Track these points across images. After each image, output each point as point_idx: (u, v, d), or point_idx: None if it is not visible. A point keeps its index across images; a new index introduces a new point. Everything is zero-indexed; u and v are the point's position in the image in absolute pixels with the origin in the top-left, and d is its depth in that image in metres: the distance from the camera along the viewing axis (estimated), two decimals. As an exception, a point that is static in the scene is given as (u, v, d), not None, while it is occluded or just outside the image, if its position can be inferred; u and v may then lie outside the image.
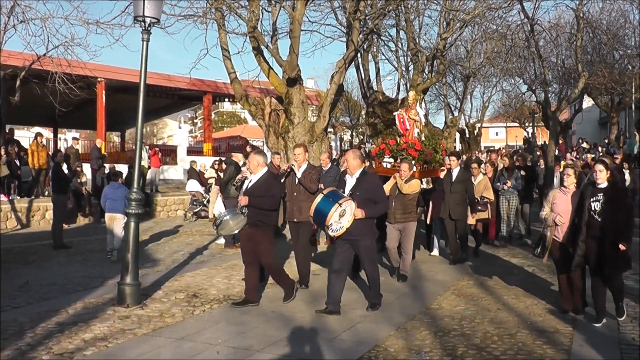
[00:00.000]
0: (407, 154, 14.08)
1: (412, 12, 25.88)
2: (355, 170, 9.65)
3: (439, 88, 41.17)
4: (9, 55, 21.03)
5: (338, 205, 8.98)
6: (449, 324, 8.99)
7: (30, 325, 8.94)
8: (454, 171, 14.25)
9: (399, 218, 12.05)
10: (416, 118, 14.94)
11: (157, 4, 10.28)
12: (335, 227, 9.12)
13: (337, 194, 9.28)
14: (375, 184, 9.75)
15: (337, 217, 9.04)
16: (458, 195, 14.01)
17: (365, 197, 9.38)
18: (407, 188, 12.13)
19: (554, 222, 9.43)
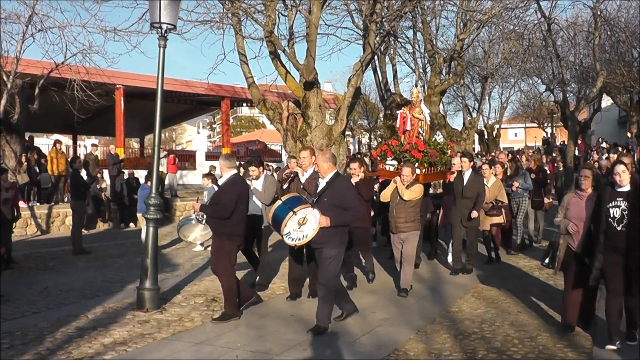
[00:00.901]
0: (410, 156, 13.17)
1: (429, 14, 25.82)
2: (326, 174, 8.98)
3: (457, 89, 41.02)
4: (27, 64, 21.14)
5: (292, 214, 8.45)
6: (469, 327, 8.96)
7: (50, 330, 9.00)
8: (466, 174, 13.18)
9: (402, 227, 11.14)
10: (420, 117, 13.89)
11: (173, 10, 10.33)
12: (296, 236, 8.57)
13: (296, 200, 8.77)
14: (345, 189, 8.92)
15: (295, 225, 8.51)
16: (470, 200, 12.97)
17: (334, 203, 8.68)
18: (409, 194, 11.12)
19: (567, 229, 8.59)
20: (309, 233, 8.55)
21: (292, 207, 8.52)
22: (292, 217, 8.47)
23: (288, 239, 8.63)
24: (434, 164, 13.68)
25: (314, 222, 8.52)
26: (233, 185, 9.53)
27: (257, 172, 11.54)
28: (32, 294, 11.44)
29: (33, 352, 8.02)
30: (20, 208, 16.69)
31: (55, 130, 44.16)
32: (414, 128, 13.85)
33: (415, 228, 11.25)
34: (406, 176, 11.25)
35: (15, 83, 19.67)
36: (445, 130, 31.45)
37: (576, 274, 8.55)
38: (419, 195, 11.29)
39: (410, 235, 11.14)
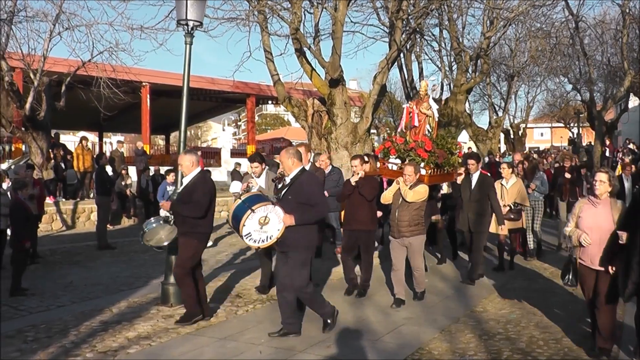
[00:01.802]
0: (416, 155, 12.17)
1: (455, 11, 25.68)
2: (290, 171, 8.45)
3: (483, 88, 40.81)
4: (54, 62, 21.28)
5: (251, 212, 7.99)
6: (493, 327, 8.88)
7: (75, 323, 9.07)
8: (474, 176, 12.32)
9: (404, 231, 10.21)
10: (428, 112, 12.73)
11: (199, 7, 10.35)
12: (258, 237, 8.10)
13: (256, 198, 8.33)
14: (311, 184, 8.36)
15: (255, 225, 8.03)
16: (477, 204, 12.06)
17: (299, 200, 8.16)
18: (412, 195, 10.17)
19: (579, 241, 7.62)
20: (273, 234, 8.10)
21: (251, 206, 8.07)
22: (250, 215, 8.01)
23: (249, 240, 8.14)
24: (440, 165, 12.55)
25: (277, 221, 8.07)
26: (204, 183, 9.16)
27: (259, 168, 11.01)
28: (57, 288, 11.51)
29: (57, 345, 8.07)
30: (46, 204, 16.81)
31: (82, 127, 44.44)
32: (421, 125, 12.74)
33: (420, 232, 10.36)
34: (408, 176, 10.31)
35: (42, 81, 19.81)
36: (471, 129, 31.36)
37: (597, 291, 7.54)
38: (424, 196, 10.35)
39: (414, 240, 10.27)
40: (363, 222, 10.72)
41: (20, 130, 20.58)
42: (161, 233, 9.31)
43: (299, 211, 8.07)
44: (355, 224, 10.80)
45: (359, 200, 10.72)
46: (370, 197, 10.78)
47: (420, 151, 12.13)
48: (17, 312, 9.93)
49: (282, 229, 8.05)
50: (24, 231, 11.58)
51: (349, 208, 10.99)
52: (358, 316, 9.32)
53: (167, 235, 9.31)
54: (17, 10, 18.48)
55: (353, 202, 10.83)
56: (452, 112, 26.38)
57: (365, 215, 10.75)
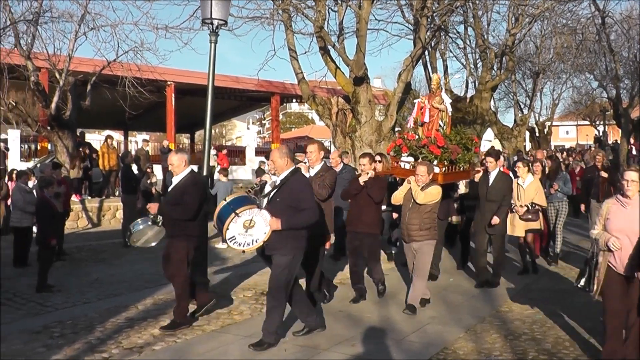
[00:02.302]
0: (428, 152, 11.39)
1: (481, 8, 25.59)
2: (282, 171, 8.00)
3: (508, 85, 40.55)
4: (79, 62, 21.43)
5: (235, 215, 7.62)
6: (519, 327, 8.82)
7: (100, 320, 9.15)
8: (492, 174, 11.66)
9: (414, 235, 9.61)
10: (441, 107, 11.93)
11: (224, 6, 10.40)
12: (244, 241, 7.68)
13: (241, 200, 7.94)
14: (300, 187, 7.87)
15: (240, 228, 7.64)
16: (496, 204, 11.43)
17: (288, 203, 7.76)
18: (424, 197, 9.53)
19: (607, 245, 7.00)
20: (259, 237, 7.66)
21: (235, 209, 7.70)
22: (234, 219, 7.64)
23: (234, 243, 7.74)
24: (455, 161, 11.73)
25: (264, 224, 7.63)
26: (195, 184, 8.86)
27: None
28: (83, 285, 11.61)
29: (83, 341, 8.14)
30: (71, 202, 16.93)
31: (108, 126, 44.70)
32: (433, 120, 11.90)
33: (431, 237, 9.68)
34: (421, 176, 9.67)
35: (67, 80, 19.95)
36: (496, 127, 31.23)
37: (621, 298, 7.03)
38: (436, 198, 9.71)
39: (424, 245, 9.61)
40: (368, 225, 10.17)
41: (46, 129, 20.74)
42: (149, 234, 9.16)
43: (287, 215, 7.65)
44: (360, 226, 10.22)
45: (365, 201, 10.15)
46: (378, 199, 10.26)
47: (433, 147, 11.34)
48: (43, 308, 10.05)
49: (269, 233, 7.61)
50: (49, 229, 11.69)
51: (354, 208, 10.44)
52: (383, 315, 9.30)
53: (155, 236, 9.19)
54: (43, 11, 18.63)
55: (359, 202, 10.26)
56: (477, 110, 26.28)
57: (371, 217, 10.24)
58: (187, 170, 8.86)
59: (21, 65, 19.43)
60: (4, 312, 9.79)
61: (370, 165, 10.28)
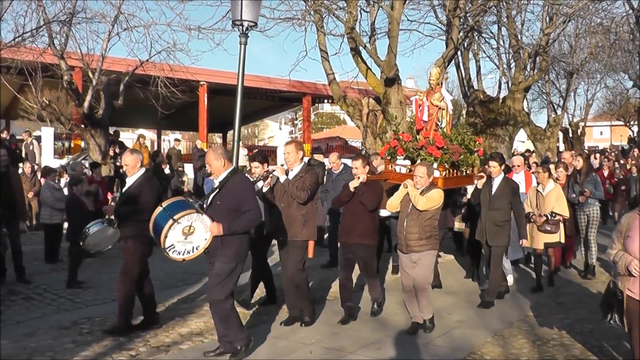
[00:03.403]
0: (427, 154, 10.41)
1: (514, 8, 25.42)
2: (220, 173, 7.56)
3: (542, 86, 40.20)
4: (112, 62, 21.60)
5: (173, 222, 7.10)
6: (547, 332, 8.76)
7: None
8: (496, 180, 10.65)
9: (413, 246, 8.60)
10: (441, 104, 10.90)
11: (254, 8, 10.46)
12: (184, 249, 7.25)
13: (179, 205, 7.41)
14: (240, 188, 7.41)
15: (179, 236, 7.16)
16: (499, 213, 10.42)
17: (228, 206, 7.30)
18: (425, 203, 8.53)
19: (627, 269, 6.03)
20: (200, 244, 7.28)
21: (172, 214, 7.18)
22: (173, 226, 7.12)
23: (173, 252, 7.26)
24: (456, 164, 10.75)
25: (204, 230, 7.23)
26: (150, 184, 8.64)
27: (260, 169, 9.77)
28: (113, 282, 11.57)
29: (111, 339, 8.22)
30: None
31: (140, 125, 45.13)
32: (432, 119, 10.90)
33: (431, 247, 8.73)
34: (420, 177, 8.68)
35: (100, 80, 20.11)
36: (528, 128, 30.97)
37: None
38: (438, 203, 8.73)
39: (424, 256, 8.65)
40: (361, 235, 9.18)
41: (79, 128, 20.92)
42: (103, 236, 8.75)
43: (227, 219, 7.22)
44: (353, 237, 9.23)
45: (358, 209, 9.19)
46: (372, 206, 9.23)
47: (432, 149, 10.36)
48: (73, 304, 10.17)
49: (210, 239, 7.23)
50: (79, 226, 11.78)
51: (346, 217, 9.47)
52: (409, 318, 9.26)
53: (110, 239, 8.81)
54: (77, 12, 18.79)
55: (351, 210, 9.32)
56: (510, 111, 26.13)
57: (365, 227, 9.20)
58: (141, 170, 8.68)
59: (54, 65, 19.62)
60: (35, 307, 10.01)
61: (364, 168, 9.36)
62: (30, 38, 18.28)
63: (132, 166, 8.62)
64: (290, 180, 8.83)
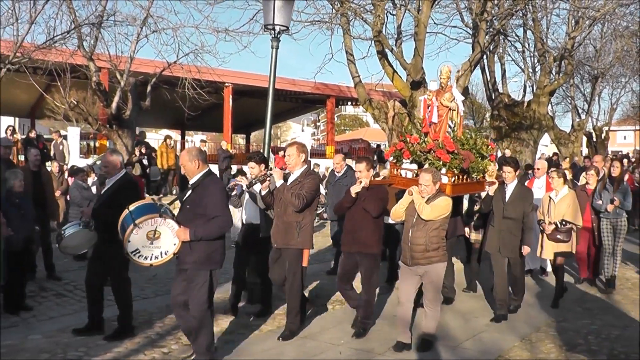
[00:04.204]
0: (435, 159, 9.48)
1: (540, 11, 25.36)
2: (194, 175, 7.13)
3: (566, 90, 40.03)
4: (140, 63, 21.88)
5: (134, 227, 6.77)
6: (574, 338, 8.73)
7: (159, 315, 9.41)
8: (509, 187, 9.88)
9: (419, 258, 7.90)
10: (451, 104, 9.94)
11: (286, 12, 10.53)
12: (150, 254, 6.94)
13: (144, 208, 7.07)
14: (210, 192, 6.99)
15: (144, 240, 6.85)
16: (512, 223, 9.67)
17: (197, 211, 6.96)
18: (430, 212, 7.85)
19: None
20: (169, 249, 6.94)
21: (135, 219, 6.85)
22: (134, 230, 6.80)
23: (139, 257, 6.93)
24: (467, 170, 9.78)
25: (171, 235, 6.91)
26: (130, 186, 8.47)
27: (257, 170, 9.24)
28: (142, 280, 11.77)
29: (143, 336, 8.38)
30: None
31: (165, 125, 45.38)
32: (442, 120, 10.00)
33: (439, 259, 7.97)
34: (425, 186, 8.00)
35: (128, 81, 20.32)
36: (553, 132, 30.90)
37: None
38: (445, 212, 8.00)
39: (431, 269, 7.93)
40: (364, 244, 8.59)
41: (106, 128, 21.13)
42: (80, 239, 8.45)
43: (196, 224, 6.88)
44: (356, 245, 8.66)
45: (361, 216, 8.60)
46: (376, 213, 8.60)
47: (441, 153, 9.41)
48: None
49: (179, 245, 6.90)
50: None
51: (348, 224, 8.87)
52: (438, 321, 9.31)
53: (88, 241, 8.49)
54: (107, 15, 19.03)
55: (354, 217, 8.73)
56: (535, 115, 26.09)
57: (369, 235, 8.61)
58: (122, 172, 8.51)
59: (83, 66, 19.85)
60: (66, 303, 10.19)
61: (367, 172, 8.72)
62: (61, 40, 18.50)
63: (112, 167, 8.44)
64: (286, 186, 8.34)
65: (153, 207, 7.09)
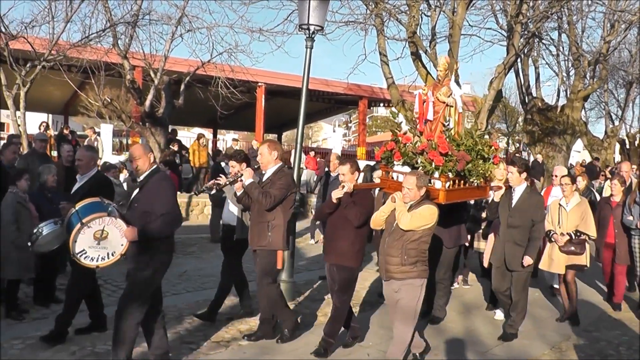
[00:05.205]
0: (427, 161, 8.35)
1: (576, 14, 25.17)
2: (142, 172, 6.83)
3: (600, 95, 39.67)
4: (174, 62, 22.00)
5: (81, 225, 6.43)
6: (605, 348, 8.66)
7: (189, 312, 9.44)
8: (517, 191, 8.85)
9: (394, 272, 6.94)
10: (448, 100, 8.88)
11: (321, 12, 10.52)
12: (96, 255, 6.58)
13: (92, 207, 6.70)
14: (157, 190, 6.68)
15: (90, 240, 6.51)
16: (519, 232, 8.68)
17: (144, 209, 6.63)
18: (410, 221, 6.83)
19: None
20: (116, 249, 6.61)
21: (82, 217, 6.51)
22: (81, 229, 6.47)
23: (85, 258, 6.57)
24: (464, 174, 8.53)
25: (119, 235, 6.58)
26: (105, 184, 8.25)
27: (237, 168, 8.85)
28: (172, 277, 11.84)
29: (172, 331, 8.38)
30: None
31: (198, 124, 45.64)
32: (437, 118, 8.91)
33: (416, 275, 6.92)
34: (409, 189, 6.99)
35: (162, 79, 20.45)
36: (586, 138, 30.65)
37: None
38: (427, 223, 6.91)
39: (405, 286, 6.95)
40: (341, 254, 7.73)
41: (139, 125, 21.30)
42: (51, 236, 7.96)
43: (143, 222, 6.56)
44: (333, 256, 7.84)
45: (341, 224, 7.74)
46: (358, 222, 7.65)
47: (433, 154, 8.27)
48: (133, 297, 10.33)
49: (127, 245, 6.60)
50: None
51: (329, 232, 8.14)
52: (467, 327, 9.25)
53: (56, 237, 7.94)
54: (142, 14, 19.19)
55: (334, 225, 7.90)
56: (568, 120, 25.89)
57: (348, 245, 7.72)
58: (94, 169, 8.28)
59: (117, 64, 20.03)
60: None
61: (352, 175, 7.88)
62: (96, 38, 18.69)
63: (86, 163, 8.18)
64: (255, 184, 8.00)
65: (100, 206, 6.73)
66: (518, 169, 8.78)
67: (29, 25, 17.81)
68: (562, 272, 9.85)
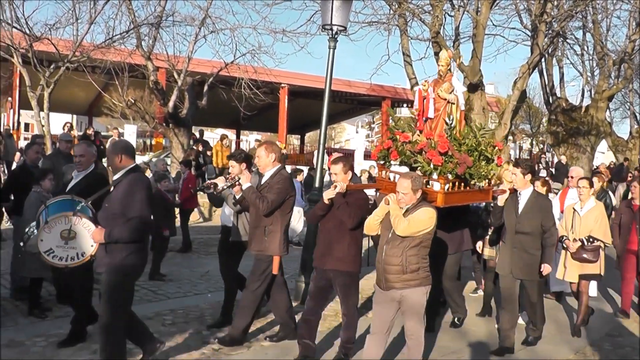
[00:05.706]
0: (425, 161, 7.91)
1: (601, 13, 24.97)
2: (117, 171, 6.55)
3: (625, 95, 39.32)
4: (198, 63, 22.16)
5: (45, 224, 6.24)
6: (630, 353, 8.56)
7: (211, 311, 9.42)
8: (522, 195, 8.23)
9: (394, 281, 6.47)
10: (450, 97, 8.43)
11: (344, 12, 10.50)
12: (64, 254, 6.32)
13: (59, 206, 6.49)
14: (129, 191, 6.31)
15: (57, 240, 6.25)
16: (530, 238, 8.11)
17: (114, 211, 6.28)
18: (407, 226, 6.35)
19: None
20: (86, 250, 6.35)
21: (49, 215, 6.34)
22: (45, 228, 6.25)
23: (53, 258, 6.32)
24: (465, 177, 8.07)
25: (88, 236, 6.30)
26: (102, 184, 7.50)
27: (237, 169, 8.25)
28: (194, 277, 11.90)
29: (195, 330, 8.42)
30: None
31: (221, 124, 45.84)
32: (438, 115, 8.42)
33: (418, 283, 6.48)
34: (404, 194, 6.45)
35: (185, 80, 20.57)
36: (610, 139, 30.39)
37: None
38: (425, 227, 6.42)
39: (409, 293, 6.49)
40: (340, 260, 7.32)
41: (163, 126, 21.43)
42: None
43: (112, 225, 6.24)
44: (329, 261, 7.38)
45: (335, 227, 7.35)
46: (352, 224, 7.23)
47: (432, 154, 7.82)
48: (155, 296, 10.43)
49: (97, 246, 6.32)
50: (163, 220, 12.12)
51: (322, 236, 7.61)
52: (490, 330, 9.15)
53: None
54: (166, 15, 19.30)
55: (327, 228, 7.48)
56: (592, 120, 25.71)
57: (344, 249, 7.34)
58: (90, 168, 8.03)
59: (141, 65, 20.15)
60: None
61: (344, 175, 7.40)
62: (120, 40, 18.81)
63: (88, 159, 8.00)
64: (252, 189, 7.77)
65: (69, 205, 6.45)
66: (522, 171, 8.24)
67: (52, 27, 18.02)
68: (574, 281, 9.40)
